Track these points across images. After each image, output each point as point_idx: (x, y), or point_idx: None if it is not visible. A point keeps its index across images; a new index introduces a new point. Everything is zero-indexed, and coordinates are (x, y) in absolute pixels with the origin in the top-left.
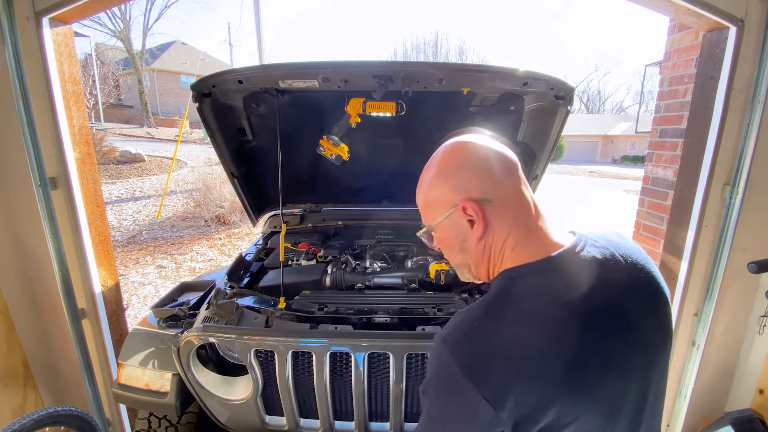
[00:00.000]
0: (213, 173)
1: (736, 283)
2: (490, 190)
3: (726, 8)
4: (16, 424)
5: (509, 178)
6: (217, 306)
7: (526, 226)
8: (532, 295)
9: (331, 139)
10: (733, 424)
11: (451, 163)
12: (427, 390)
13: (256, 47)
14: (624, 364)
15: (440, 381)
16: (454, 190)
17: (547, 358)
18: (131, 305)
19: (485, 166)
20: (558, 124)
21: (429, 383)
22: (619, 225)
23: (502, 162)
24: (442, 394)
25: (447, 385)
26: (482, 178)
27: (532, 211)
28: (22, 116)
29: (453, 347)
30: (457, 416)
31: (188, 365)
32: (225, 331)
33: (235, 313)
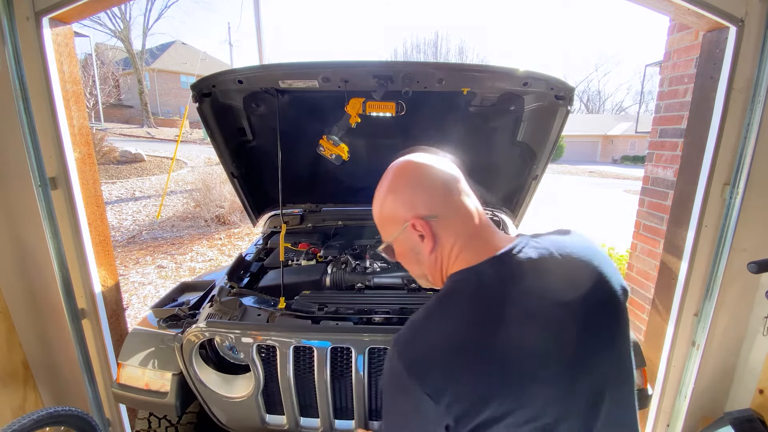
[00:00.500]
0: (213, 173)
1: (736, 283)
2: (435, 207)
3: (726, 8)
4: (16, 424)
5: (452, 193)
6: (220, 303)
7: (470, 234)
8: (469, 296)
9: (331, 139)
10: (733, 424)
11: (399, 183)
12: (384, 389)
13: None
14: (558, 359)
15: (391, 381)
16: (404, 207)
17: (481, 356)
18: (131, 305)
19: (430, 184)
20: (558, 124)
21: (384, 382)
22: (618, 225)
23: (445, 179)
24: (393, 392)
25: (396, 384)
26: (428, 195)
27: (475, 220)
28: (22, 116)
29: (400, 348)
30: (409, 411)
31: (191, 362)
32: (228, 327)
33: (238, 310)
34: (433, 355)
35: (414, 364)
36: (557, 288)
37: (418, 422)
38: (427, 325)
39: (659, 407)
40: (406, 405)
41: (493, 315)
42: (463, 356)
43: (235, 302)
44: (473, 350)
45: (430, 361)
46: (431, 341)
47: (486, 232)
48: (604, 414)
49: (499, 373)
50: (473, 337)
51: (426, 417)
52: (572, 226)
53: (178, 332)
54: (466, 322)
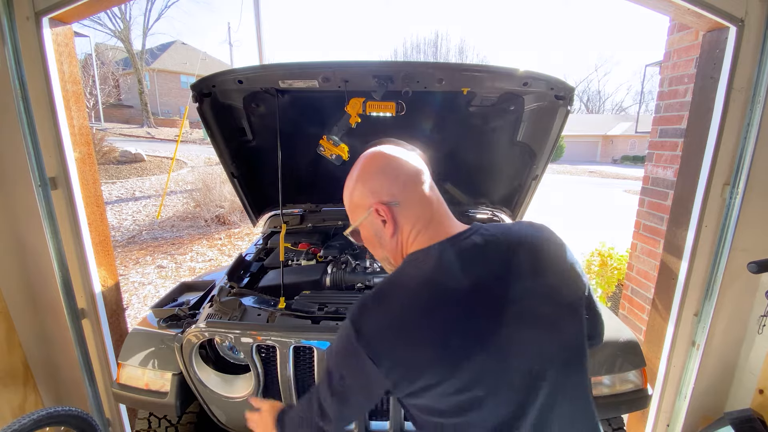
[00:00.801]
0: (213, 173)
1: (736, 283)
2: (397, 194)
3: (726, 8)
4: (16, 424)
5: (413, 182)
6: (220, 303)
7: (427, 220)
8: (416, 275)
9: (331, 139)
10: (733, 424)
11: (366, 171)
12: (331, 350)
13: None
14: (491, 338)
15: (341, 343)
16: (369, 194)
17: (420, 330)
18: (131, 305)
19: (393, 173)
20: (558, 124)
21: (333, 344)
22: (618, 225)
23: (407, 169)
24: (340, 353)
25: (344, 346)
26: (390, 183)
27: (434, 207)
28: (22, 116)
29: (353, 316)
30: (351, 370)
31: (191, 362)
32: (228, 327)
33: (238, 309)
34: (379, 325)
35: (362, 332)
36: (497, 271)
37: (357, 380)
38: (378, 298)
39: (659, 407)
40: (349, 364)
41: (436, 293)
42: (404, 329)
43: (235, 302)
44: (414, 325)
45: (377, 330)
46: (379, 313)
47: (442, 219)
48: (545, 396)
49: (434, 347)
50: (415, 313)
51: (366, 377)
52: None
53: (178, 332)
54: (411, 299)
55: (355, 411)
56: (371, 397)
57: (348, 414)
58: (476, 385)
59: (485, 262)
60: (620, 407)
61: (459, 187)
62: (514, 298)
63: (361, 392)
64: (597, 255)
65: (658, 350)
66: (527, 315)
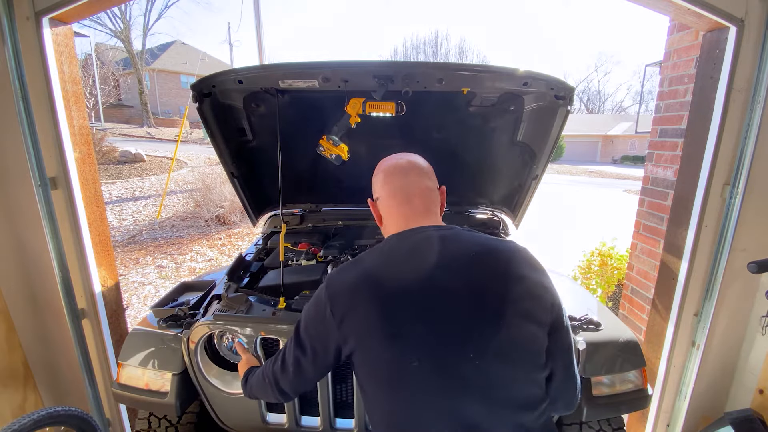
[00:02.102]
0: (213, 173)
1: (736, 283)
2: (377, 191)
3: (726, 8)
4: (16, 424)
5: (390, 180)
6: (228, 299)
7: (400, 211)
8: (380, 253)
9: (331, 139)
10: (733, 424)
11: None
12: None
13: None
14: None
15: (315, 295)
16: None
17: (373, 297)
18: (131, 305)
19: (376, 176)
20: (558, 124)
21: (310, 300)
22: (618, 225)
23: (385, 171)
24: (311, 304)
25: (315, 297)
26: (375, 183)
27: (413, 205)
28: (22, 116)
29: (329, 278)
30: (314, 320)
31: (196, 355)
32: (235, 320)
33: (244, 304)
34: (343, 284)
35: (330, 289)
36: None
37: (317, 324)
38: (350, 267)
39: (659, 407)
40: (315, 312)
41: (392, 271)
42: (361, 295)
43: (242, 298)
44: (370, 292)
45: (340, 287)
46: (348, 278)
47: (417, 215)
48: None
49: (381, 315)
50: (372, 283)
51: (326, 327)
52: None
53: (178, 332)
54: (372, 271)
55: (311, 368)
56: (326, 352)
57: (305, 370)
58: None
59: (433, 254)
60: (620, 407)
61: (459, 187)
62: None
63: (319, 342)
64: (597, 255)
65: (658, 350)
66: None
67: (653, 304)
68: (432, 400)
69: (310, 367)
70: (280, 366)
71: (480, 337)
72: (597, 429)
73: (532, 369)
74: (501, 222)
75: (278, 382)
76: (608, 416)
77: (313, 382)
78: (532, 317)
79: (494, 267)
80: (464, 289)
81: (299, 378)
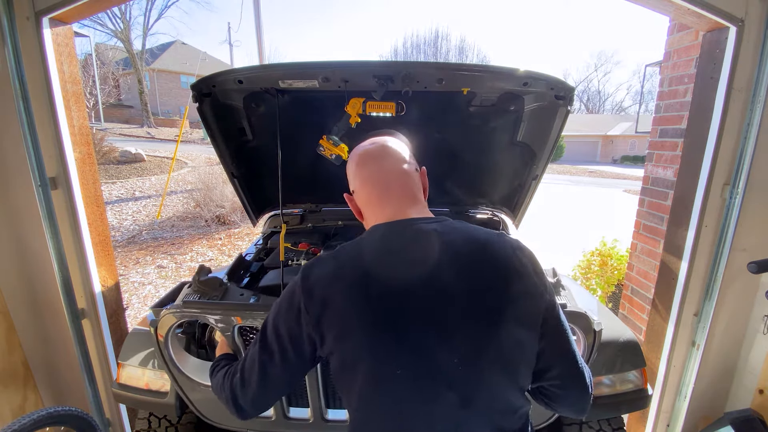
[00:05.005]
0: (213, 173)
1: (736, 283)
2: (352, 182)
3: (726, 8)
4: (16, 424)
5: (360, 169)
6: (199, 283)
7: (378, 200)
8: (358, 247)
9: (331, 139)
10: (733, 424)
11: None
12: (281, 296)
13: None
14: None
15: (286, 290)
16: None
17: (349, 300)
18: (131, 305)
19: (349, 165)
20: (558, 124)
21: (284, 291)
22: (619, 225)
23: (357, 158)
24: (283, 299)
25: (288, 293)
26: (349, 175)
27: (389, 191)
28: (22, 116)
29: (304, 270)
30: (285, 314)
31: (166, 346)
32: (206, 307)
33: (219, 289)
34: (321, 281)
35: (306, 278)
36: (438, 261)
37: (292, 328)
38: (328, 260)
39: (659, 407)
40: (287, 303)
41: (377, 267)
42: (342, 291)
43: (216, 281)
44: (352, 289)
45: (317, 280)
46: (326, 271)
47: (399, 204)
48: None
49: (364, 315)
50: (355, 279)
51: (299, 326)
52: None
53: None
54: (354, 266)
55: (280, 375)
56: (299, 354)
57: (272, 379)
58: (388, 360)
59: (423, 248)
60: (620, 407)
61: (459, 187)
62: (440, 287)
63: (291, 343)
64: (597, 255)
65: (658, 350)
66: (457, 309)
67: (653, 304)
68: (412, 407)
69: (279, 374)
70: (239, 380)
71: (469, 341)
72: (597, 429)
73: (517, 374)
74: (501, 222)
75: (236, 399)
76: (608, 416)
77: (282, 393)
78: (526, 320)
79: (491, 265)
80: (457, 289)
81: (264, 389)
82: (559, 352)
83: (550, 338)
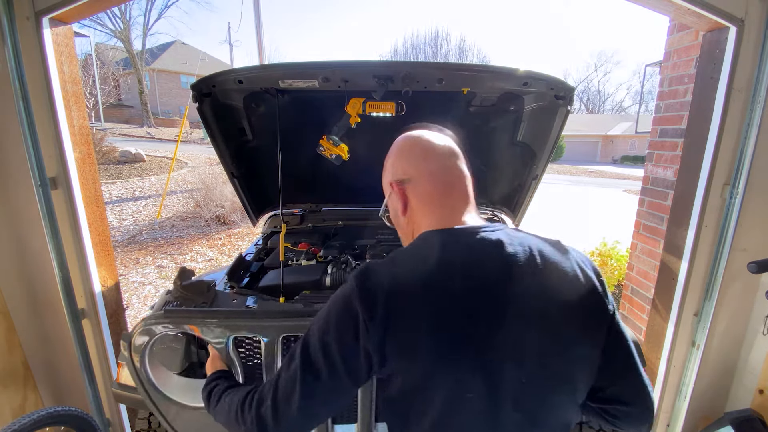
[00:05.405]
0: (213, 173)
1: (736, 283)
2: (409, 171)
3: (726, 8)
4: (16, 424)
5: (427, 160)
6: (182, 288)
7: (439, 201)
8: (424, 254)
9: (331, 139)
10: (733, 424)
11: (389, 153)
12: (319, 316)
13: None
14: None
15: (337, 300)
16: (388, 173)
17: (418, 316)
18: (131, 305)
19: (409, 152)
20: (558, 124)
21: (322, 310)
22: (619, 225)
23: (423, 147)
24: (332, 314)
25: (342, 302)
26: (404, 161)
27: (448, 189)
28: (22, 116)
29: (358, 274)
30: (339, 326)
31: (144, 364)
32: (193, 318)
33: (206, 294)
34: (384, 290)
35: (366, 292)
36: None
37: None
38: (386, 263)
39: (659, 407)
40: (342, 328)
41: (443, 279)
42: (409, 303)
43: (202, 285)
44: (420, 302)
45: (380, 294)
46: (385, 277)
47: (457, 205)
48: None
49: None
50: (421, 291)
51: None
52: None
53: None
54: (420, 276)
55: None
56: (353, 373)
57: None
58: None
59: (494, 261)
60: None
61: None
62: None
63: (344, 360)
64: (597, 255)
65: (658, 350)
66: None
67: (653, 304)
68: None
69: (326, 397)
70: (270, 409)
71: (536, 358)
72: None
73: (577, 390)
74: (501, 222)
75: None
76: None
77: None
78: (592, 334)
79: (557, 278)
80: (525, 304)
81: (307, 417)
82: (623, 365)
83: (613, 351)
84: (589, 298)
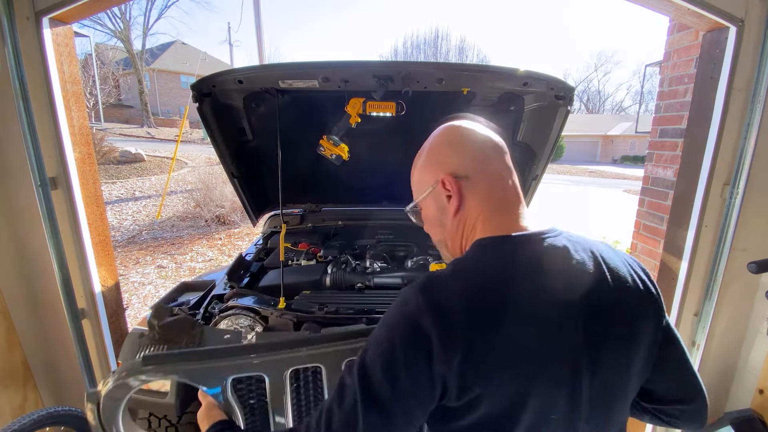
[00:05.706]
0: (213, 173)
1: (736, 283)
2: (468, 167)
3: (726, 8)
4: (16, 424)
5: (488, 158)
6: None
7: (498, 204)
8: (491, 263)
9: (331, 139)
10: (733, 424)
11: (437, 143)
12: (373, 340)
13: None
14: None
15: (397, 315)
16: (437, 166)
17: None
18: (131, 305)
19: (466, 145)
20: (558, 124)
21: (375, 332)
22: (619, 225)
23: (483, 143)
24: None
25: (407, 318)
26: (461, 155)
27: (509, 194)
28: (22, 116)
29: (422, 288)
30: (406, 349)
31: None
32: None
33: (192, 333)
34: (457, 304)
35: (436, 307)
36: (580, 283)
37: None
38: (450, 282)
39: None
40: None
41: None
42: (488, 318)
43: (186, 323)
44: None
45: (454, 310)
46: (456, 290)
47: (514, 209)
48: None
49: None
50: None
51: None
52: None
53: None
54: (495, 288)
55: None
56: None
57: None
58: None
59: (568, 269)
60: None
61: None
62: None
63: (415, 390)
64: None
65: None
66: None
67: None
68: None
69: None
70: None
71: (606, 368)
72: None
73: (632, 394)
74: None
75: None
76: None
77: None
78: (651, 340)
79: (625, 285)
80: (594, 314)
81: None
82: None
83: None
84: (649, 301)
